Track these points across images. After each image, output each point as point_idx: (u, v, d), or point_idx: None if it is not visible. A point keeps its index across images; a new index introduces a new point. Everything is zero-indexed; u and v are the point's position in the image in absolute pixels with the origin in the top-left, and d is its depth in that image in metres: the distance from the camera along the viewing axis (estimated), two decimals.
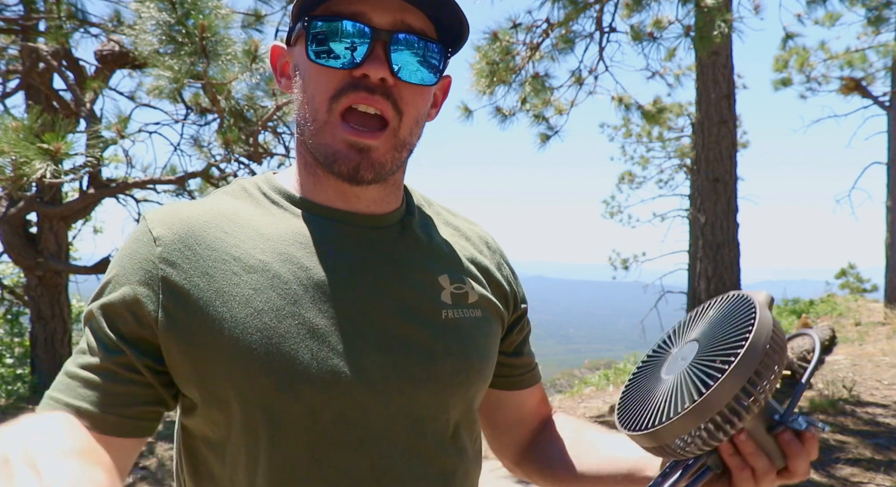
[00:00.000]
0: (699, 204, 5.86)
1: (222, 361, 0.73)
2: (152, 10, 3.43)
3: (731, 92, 5.72)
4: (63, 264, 6.65)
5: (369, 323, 0.78)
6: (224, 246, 0.77)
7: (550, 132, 6.09)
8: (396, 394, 0.78)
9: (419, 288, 0.83)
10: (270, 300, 0.75)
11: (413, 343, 0.80)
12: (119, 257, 0.78)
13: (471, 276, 0.90)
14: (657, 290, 16.00)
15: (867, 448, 4.69)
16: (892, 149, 12.82)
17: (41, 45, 5.53)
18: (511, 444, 1.04)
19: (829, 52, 11.93)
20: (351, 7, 0.76)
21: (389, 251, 0.84)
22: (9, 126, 3.24)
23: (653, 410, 0.72)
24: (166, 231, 0.77)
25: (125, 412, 0.73)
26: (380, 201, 0.85)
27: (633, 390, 0.80)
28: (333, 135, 0.77)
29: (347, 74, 0.77)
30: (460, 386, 0.83)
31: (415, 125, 0.81)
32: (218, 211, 0.81)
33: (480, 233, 0.99)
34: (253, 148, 4.86)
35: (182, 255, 0.75)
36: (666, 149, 17.42)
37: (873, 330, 9.95)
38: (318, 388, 0.74)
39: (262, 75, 4.28)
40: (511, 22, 5.11)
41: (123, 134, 4.47)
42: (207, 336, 0.73)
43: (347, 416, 0.76)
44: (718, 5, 4.49)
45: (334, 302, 0.77)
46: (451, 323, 0.84)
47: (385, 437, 0.77)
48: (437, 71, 0.81)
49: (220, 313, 0.74)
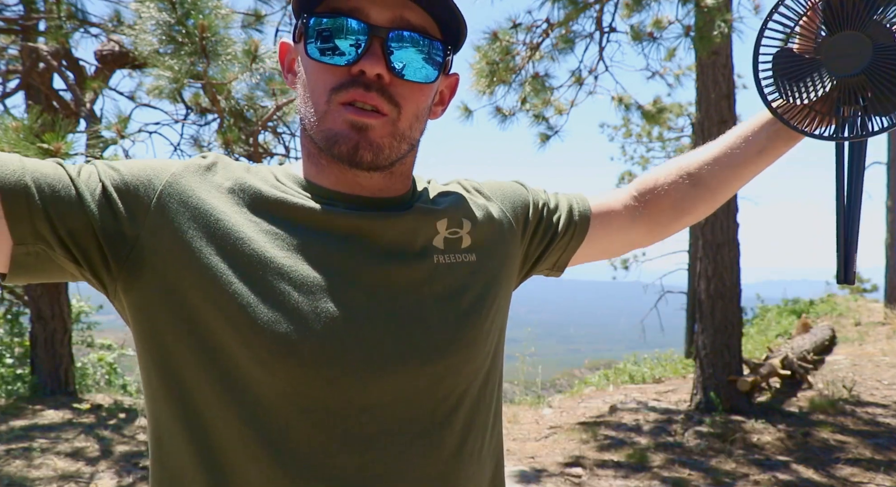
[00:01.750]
0: None
1: (200, 298, 0.74)
2: (152, 10, 3.43)
3: (731, 92, 5.72)
4: None
5: (359, 268, 0.79)
6: (234, 200, 0.80)
7: (550, 132, 6.09)
8: (386, 338, 0.77)
9: (415, 233, 0.85)
10: (252, 250, 0.76)
11: (402, 288, 0.81)
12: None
13: (469, 219, 0.91)
14: (657, 290, 16.01)
15: (867, 448, 4.69)
16: (892, 149, 12.81)
17: (41, 45, 5.52)
18: (633, 229, 1.10)
19: None
20: (350, 3, 0.77)
21: (388, 215, 0.84)
22: (9, 126, 3.24)
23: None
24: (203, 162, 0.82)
25: (34, 189, 0.69)
26: (385, 189, 0.86)
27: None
28: (335, 118, 0.78)
29: (346, 71, 0.77)
30: (451, 330, 0.82)
31: (414, 120, 0.81)
32: (253, 172, 0.86)
33: (460, 181, 1.02)
34: (253, 148, 4.86)
35: (201, 188, 0.79)
36: (666, 149, 17.41)
37: (873, 330, 9.95)
38: (296, 321, 0.74)
39: (262, 75, 4.28)
40: (511, 22, 5.11)
41: (123, 134, 4.47)
42: (193, 249, 0.74)
43: (328, 354, 0.75)
44: (718, 5, 4.49)
45: (322, 251, 0.78)
46: (443, 268, 0.85)
47: (367, 381, 0.76)
48: (437, 68, 0.81)
49: (209, 247, 0.75)
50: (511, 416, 5.89)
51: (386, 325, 0.78)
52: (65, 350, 6.77)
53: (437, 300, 0.83)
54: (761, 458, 4.59)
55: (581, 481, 4.25)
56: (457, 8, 0.78)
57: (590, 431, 5.30)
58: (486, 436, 0.88)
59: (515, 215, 0.99)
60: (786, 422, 5.28)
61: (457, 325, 0.83)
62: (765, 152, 1.03)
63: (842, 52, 0.89)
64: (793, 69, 0.93)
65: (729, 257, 5.65)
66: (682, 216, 1.08)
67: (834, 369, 7.30)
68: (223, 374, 0.74)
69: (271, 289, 0.75)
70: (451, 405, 0.82)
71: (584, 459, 4.65)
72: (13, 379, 7.64)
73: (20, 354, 8.36)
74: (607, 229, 1.07)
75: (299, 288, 0.75)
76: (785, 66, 0.94)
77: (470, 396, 0.85)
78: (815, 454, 4.62)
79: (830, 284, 17.49)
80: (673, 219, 1.09)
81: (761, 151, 1.03)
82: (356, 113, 0.77)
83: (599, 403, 6.41)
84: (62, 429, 5.01)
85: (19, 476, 4.09)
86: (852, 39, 0.88)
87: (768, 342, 9.46)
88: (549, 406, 6.42)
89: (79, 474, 4.16)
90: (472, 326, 0.85)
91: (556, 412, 6.12)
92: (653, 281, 16.09)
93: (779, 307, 13.64)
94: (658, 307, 15.60)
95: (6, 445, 4.72)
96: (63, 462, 4.34)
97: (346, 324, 0.76)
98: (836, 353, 8.37)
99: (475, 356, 0.85)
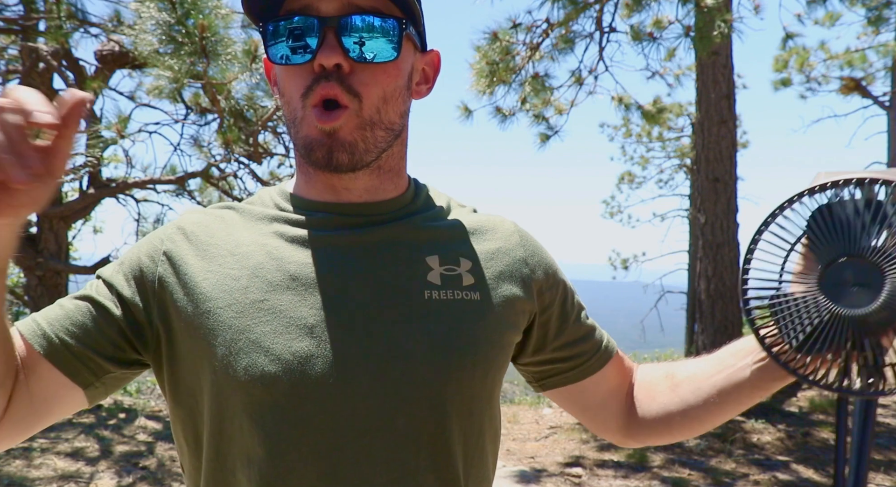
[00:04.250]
0: (699, 204, 5.86)
1: (198, 340, 0.77)
2: (152, 10, 3.43)
3: (731, 92, 5.72)
4: (63, 264, 6.65)
5: (339, 302, 0.78)
6: (218, 235, 0.83)
7: (550, 132, 6.09)
8: (363, 375, 0.75)
9: (400, 267, 0.81)
10: (244, 289, 0.78)
11: (385, 322, 0.78)
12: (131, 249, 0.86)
13: (472, 259, 0.85)
14: (657, 290, 15.99)
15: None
16: (892, 149, 12.81)
17: (41, 45, 5.52)
18: (609, 420, 1.00)
19: (829, 52, 11.92)
20: (300, 2, 0.77)
21: (372, 234, 0.83)
22: None
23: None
24: (173, 230, 0.85)
25: (69, 341, 0.76)
26: (373, 190, 0.84)
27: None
28: (308, 124, 0.78)
29: (310, 69, 0.77)
30: (441, 370, 0.78)
31: (382, 103, 0.79)
32: (219, 213, 0.87)
33: (499, 220, 0.94)
34: (253, 148, 4.86)
35: (184, 239, 0.82)
36: (666, 149, 17.41)
37: None
38: (274, 361, 0.74)
39: (262, 75, 4.28)
40: (511, 22, 5.11)
41: (123, 134, 4.48)
42: (190, 309, 0.78)
43: (306, 392, 0.74)
44: (718, 5, 4.49)
45: (304, 282, 0.78)
46: (436, 304, 0.80)
47: (347, 418, 0.74)
48: (396, 45, 0.79)
49: (202, 292, 0.78)
50: (511, 416, 5.89)
51: (368, 367, 0.76)
52: None
53: (426, 336, 0.78)
54: (761, 458, 4.59)
55: (581, 481, 4.25)
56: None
57: (590, 431, 5.30)
58: (475, 441, 0.84)
59: (541, 279, 0.92)
60: (786, 422, 5.28)
61: (448, 365, 0.78)
62: (757, 393, 0.89)
63: (848, 282, 0.75)
64: (792, 308, 0.78)
65: (729, 257, 5.65)
66: (658, 441, 1.01)
67: None
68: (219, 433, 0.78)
69: (251, 342, 0.76)
70: (433, 452, 0.78)
71: (584, 459, 4.65)
72: None
73: None
74: (588, 393, 0.98)
75: (285, 333, 0.76)
76: (782, 303, 0.79)
77: (460, 448, 0.81)
78: (815, 454, 4.62)
79: None
80: (647, 440, 1.00)
81: (753, 392, 0.89)
82: (321, 117, 0.76)
83: None
84: (62, 429, 5.01)
85: (19, 476, 4.09)
86: (859, 269, 0.74)
87: None
88: (549, 406, 6.42)
89: (79, 474, 4.16)
90: (470, 366, 0.80)
91: (556, 412, 6.12)
92: (653, 281, 16.09)
93: None
94: (658, 307, 15.59)
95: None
96: (63, 462, 4.34)
97: (335, 373, 0.75)
98: None
99: (470, 382, 0.81)
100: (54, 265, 6.47)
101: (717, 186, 5.68)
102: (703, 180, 5.79)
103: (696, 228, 6.10)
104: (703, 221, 5.73)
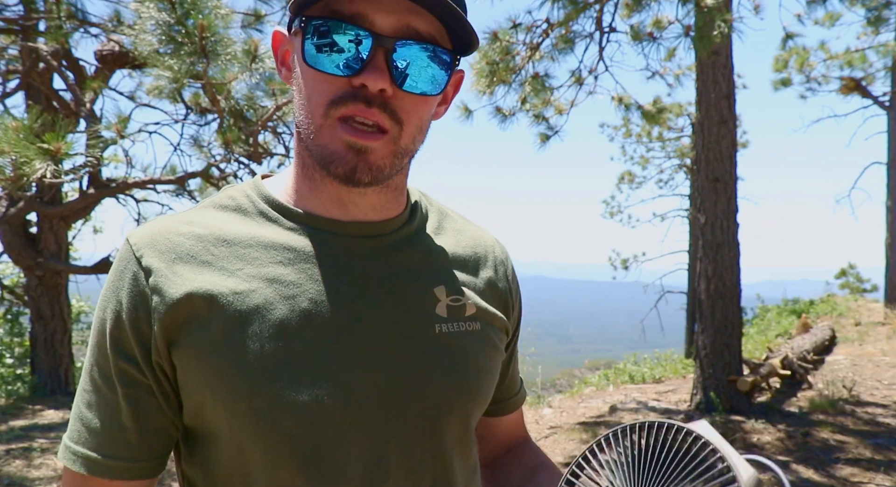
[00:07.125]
0: (699, 204, 5.86)
1: (205, 385, 0.73)
2: (152, 10, 3.43)
3: (731, 92, 5.72)
4: (63, 264, 6.65)
5: (356, 342, 0.75)
6: (211, 270, 0.75)
7: (550, 132, 6.09)
8: (382, 416, 0.74)
9: (412, 300, 0.79)
10: (254, 329, 0.73)
11: (402, 359, 0.76)
12: (108, 288, 0.77)
13: (471, 287, 0.86)
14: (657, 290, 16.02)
15: (867, 448, 4.69)
16: (892, 149, 12.82)
17: (41, 45, 5.52)
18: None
19: (829, 52, 11.93)
20: (352, 7, 0.70)
21: (384, 262, 0.80)
22: (9, 126, 3.24)
23: None
24: (154, 259, 0.75)
25: (137, 455, 0.75)
26: (379, 208, 0.81)
27: None
28: (331, 135, 0.72)
29: (346, 82, 0.71)
30: (453, 404, 0.79)
31: (417, 132, 0.76)
32: (205, 231, 0.78)
33: (489, 243, 0.94)
34: (253, 148, 4.86)
35: (170, 281, 0.73)
36: (666, 149, 17.43)
37: (873, 330, 9.95)
38: (296, 416, 0.71)
39: (262, 75, 4.28)
40: (511, 22, 5.11)
41: (123, 134, 4.48)
42: (193, 358, 0.73)
43: (329, 441, 0.72)
44: (718, 5, 4.49)
45: (320, 321, 0.74)
46: (445, 337, 0.79)
47: (369, 464, 0.74)
48: (445, 79, 0.75)
49: (203, 337, 0.72)
50: None
51: (386, 406, 0.76)
52: (65, 350, 6.77)
53: (439, 372, 0.79)
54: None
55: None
56: (465, 15, 0.73)
57: (590, 431, 5.30)
58: (470, 458, 0.87)
59: (516, 310, 0.95)
60: (786, 422, 5.28)
61: (460, 399, 0.80)
62: None
63: None
64: None
65: (729, 257, 5.65)
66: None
67: (834, 369, 7.31)
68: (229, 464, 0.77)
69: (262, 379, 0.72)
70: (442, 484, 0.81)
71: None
72: (13, 379, 7.64)
73: (20, 354, 8.36)
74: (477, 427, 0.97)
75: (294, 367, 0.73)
76: None
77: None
78: (814, 454, 4.62)
79: (830, 284, 17.52)
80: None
81: None
82: (354, 133, 0.71)
83: (599, 403, 6.41)
84: (62, 429, 5.01)
85: (19, 476, 4.08)
86: None
87: (768, 342, 9.46)
88: (549, 406, 6.42)
89: None
90: (477, 396, 0.82)
91: (556, 412, 6.12)
92: (653, 281, 16.11)
93: (779, 307, 13.65)
94: (658, 307, 15.61)
95: (6, 445, 4.72)
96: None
97: (346, 411, 0.74)
98: (835, 353, 8.38)
99: (474, 411, 0.83)
100: (54, 265, 6.47)
101: (717, 186, 5.69)
102: (703, 180, 5.79)
103: (696, 228, 6.10)
104: (703, 221, 5.73)
